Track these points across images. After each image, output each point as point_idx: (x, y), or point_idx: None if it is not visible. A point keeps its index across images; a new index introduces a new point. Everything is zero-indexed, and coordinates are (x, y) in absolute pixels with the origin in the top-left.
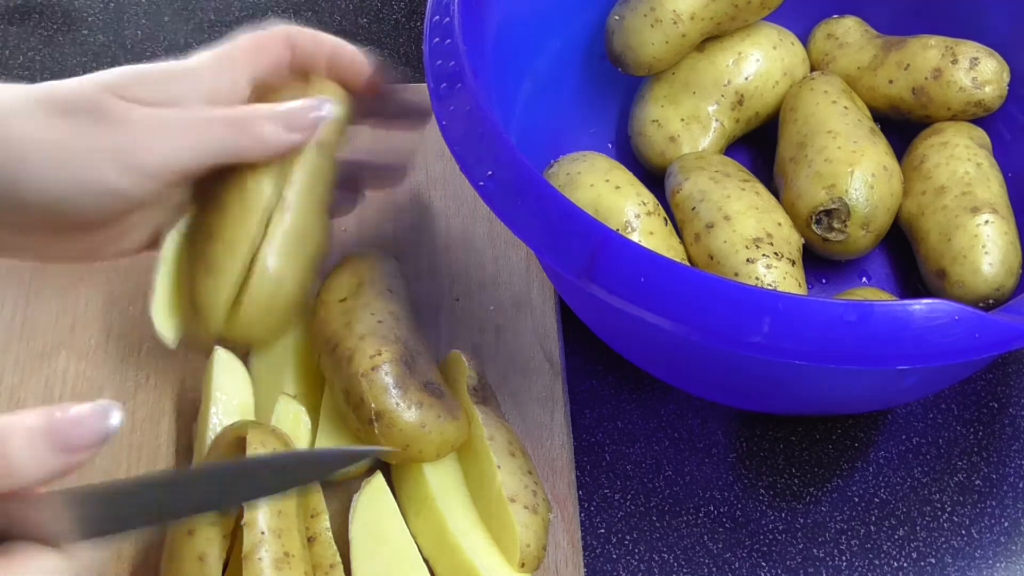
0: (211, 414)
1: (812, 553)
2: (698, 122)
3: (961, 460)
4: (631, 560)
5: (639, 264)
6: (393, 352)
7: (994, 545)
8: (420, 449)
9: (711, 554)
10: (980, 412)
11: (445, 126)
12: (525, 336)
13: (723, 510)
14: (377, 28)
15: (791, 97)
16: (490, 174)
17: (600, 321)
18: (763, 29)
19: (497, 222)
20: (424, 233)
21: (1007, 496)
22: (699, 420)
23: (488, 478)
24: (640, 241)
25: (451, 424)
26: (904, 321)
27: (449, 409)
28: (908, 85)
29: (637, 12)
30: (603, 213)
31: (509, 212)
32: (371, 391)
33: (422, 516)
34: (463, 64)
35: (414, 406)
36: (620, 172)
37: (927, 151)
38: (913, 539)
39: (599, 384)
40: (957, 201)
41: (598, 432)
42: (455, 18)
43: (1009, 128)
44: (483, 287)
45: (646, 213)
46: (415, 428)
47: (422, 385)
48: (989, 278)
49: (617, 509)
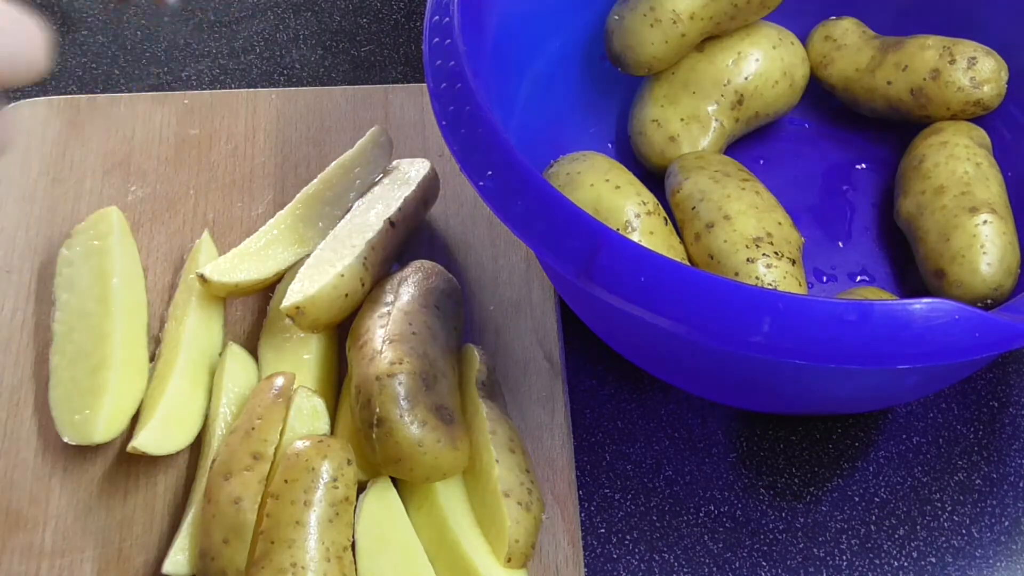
0: (221, 404)
1: (812, 553)
2: (698, 122)
3: (961, 459)
4: (631, 560)
5: (639, 264)
6: (414, 365)
7: (994, 544)
8: (411, 468)
9: (711, 554)
10: (980, 412)
11: (445, 126)
12: (525, 336)
13: (723, 510)
14: (377, 28)
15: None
16: (490, 174)
17: (600, 321)
18: (763, 29)
19: (497, 222)
20: (424, 233)
21: (1007, 495)
22: (699, 420)
23: (486, 471)
24: (640, 241)
25: (448, 452)
26: (904, 321)
27: (452, 438)
28: (907, 86)
29: (637, 12)
30: (603, 213)
31: (509, 212)
32: (380, 395)
33: (423, 511)
34: (463, 64)
35: (417, 423)
36: (620, 172)
37: (926, 151)
38: (913, 538)
39: (599, 384)
40: (956, 201)
41: (598, 432)
42: (455, 18)
43: (1009, 127)
44: (483, 287)
45: (646, 213)
46: (411, 445)
47: (433, 406)
48: (987, 278)
49: (617, 509)
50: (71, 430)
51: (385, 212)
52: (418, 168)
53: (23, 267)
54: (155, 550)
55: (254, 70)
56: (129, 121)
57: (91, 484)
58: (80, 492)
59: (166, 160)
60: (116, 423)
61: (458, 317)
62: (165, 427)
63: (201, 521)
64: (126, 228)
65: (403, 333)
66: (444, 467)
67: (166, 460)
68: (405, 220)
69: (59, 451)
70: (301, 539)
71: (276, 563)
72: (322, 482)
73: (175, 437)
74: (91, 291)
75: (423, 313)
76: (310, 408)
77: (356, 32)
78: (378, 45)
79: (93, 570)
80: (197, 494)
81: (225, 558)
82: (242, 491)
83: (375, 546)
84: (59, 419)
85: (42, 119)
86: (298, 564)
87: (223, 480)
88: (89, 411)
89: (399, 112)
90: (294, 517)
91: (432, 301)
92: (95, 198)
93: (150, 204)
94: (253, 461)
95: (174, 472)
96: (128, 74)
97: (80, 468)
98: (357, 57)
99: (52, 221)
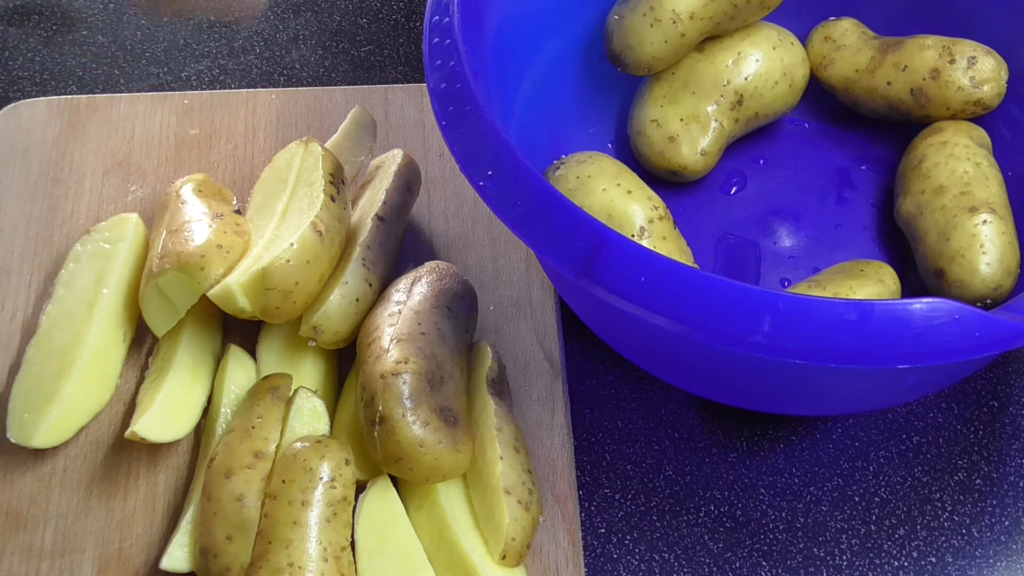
0: (221, 405)
1: (812, 552)
2: (697, 122)
3: (961, 459)
4: (631, 559)
5: (639, 264)
6: (420, 365)
7: (994, 544)
8: (411, 468)
9: (711, 553)
10: (980, 412)
11: (445, 126)
12: (525, 336)
13: (723, 509)
14: (377, 28)
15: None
16: (490, 174)
17: (600, 321)
18: (763, 29)
19: (497, 222)
20: (424, 233)
21: (1007, 495)
22: (699, 420)
23: (489, 467)
24: (653, 246)
25: (450, 454)
26: (904, 320)
27: (454, 440)
28: (906, 86)
29: (636, 12)
30: (616, 218)
31: (509, 212)
32: (383, 394)
33: (423, 511)
34: (463, 64)
35: (419, 423)
36: (629, 175)
37: (926, 150)
38: (913, 538)
39: (599, 384)
40: (955, 201)
41: (598, 432)
42: (455, 18)
43: (1009, 127)
44: (483, 287)
45: (658, 218)
46: (412, 445)
47: (437, 408)
48: (987, 278)
49: (617, 509)
50: (16, 427)
51: (371, 210)
52: (392, 159)
53: (23, 267)
54: (155, 550)
55: (254, 70)
56: (129, 121)
57: (91, 484)
58: (80, 492)
59: (166, 160)
60: (58, 432)
61: (471, 320)
62: (164, 415)
63: (201, 519)
64: (140, 238)
65: (411, 333)
66: (444, 468)
67: (166, 460)
68: (393, 212)
69: (60, 451)
70: (299, 539)
71: (273, 563)
72: (320, 482)
73: (174, 425)
74: (84, 293)
75: (434, 314)
76: (310, 408)
77: (356, 32)
78: (378, 45)
79: (93, 570)
80: (196, 493)
81: (229, 555)
82: (245, 488)
83: (375, 545)
84: (11, 413)
85: (42, 119)
86: (295, 564)
87: (224, 478)
88: (37, 414)
89: (399, 112)
90: (291, 517)
91: (444, 302)
92: (95, 198)
93: (150, 204)
94: (255, 459)
95: (174, 472)
96: (128, 74)
97: (80, 468)
98: (357, 57)
99: (52, 221)
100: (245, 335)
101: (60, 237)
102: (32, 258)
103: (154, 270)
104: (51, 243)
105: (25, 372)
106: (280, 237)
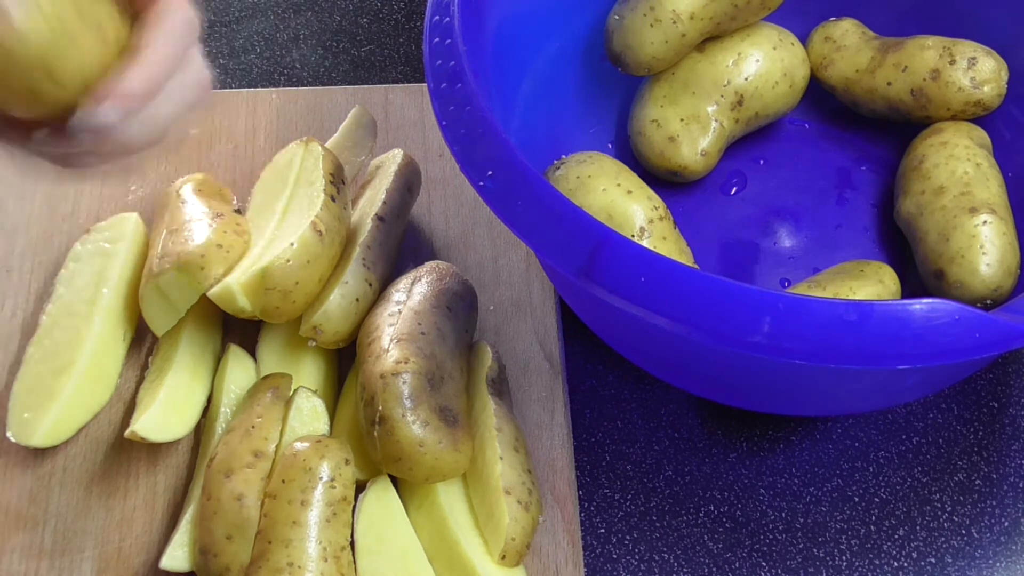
0: (221, 405)
1: (812, 553)
2: (697, 122)
3: (961, 460)
4: (631, 560)
5: (639, 264)
6: (419, 365)
7: (994, 545)
8: (411, 467)
9: (711, 554)
10: (980, 412)
11: (445, 126)
12: (525, 336)
13: (723, 510)
14: (377, 28)
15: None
16: (490, 174)
17: (600, 321)
18: (763, 29)
19: (497, 222)
20: (424, 233)
21: (1007, 496)
22: (699, 420)
23: (489, 467)
24: (653, 247)
25: (449, 453)
26: (904, 321)
27: (454, 439)
28: (907, 87)
29: (637, 12)
30: (617, 219)
31: (509, 212)
32: (383, 394)
33: (423, 511)
34: (463, 64)
35: (419, 423)
36: (629, 175)
37: (926, 151)
38: (913, 539)
39: (599, 384)
40: (956, 201)
41: (598, 432)
42: (455, 18)
43: (1009, 127)
44: (483, 287)
45: (658, 218)
46: (412, 445)
47: (437, 408)
48: (987, 279)
49: (617, 509)
50: (17, 427)
51: (371, 210)
52: (392, 159)
53: (23, 266)
54: (155, 550)
55: (254, 70)
56: None
57: (91, 483)
58: (80, 491)
59: (166, 160)
60: (59, 431)
61: (471, 320)
62: (164, 414)
63: (201, 518)
64: (140, 237)
65: (411, 332)
66: (444, 468)
67: (165, 460)
68: (393, 212)
69: (59, 450)
70: (298, 539)
71: (273, 563)
72: (320, 482)
73: (174, 425)
74: (84, 292)
75: (434, 314)
76: (310, 408)
77: (356, 32)
78: (378, 45)
79: (93, 569)
80: (196, 492)
81: (228, 554)
82: (244, 488)
83: (374, 545)
84: (11, 412)
85: None
86: (295, 564)
87: (224, 478)
88: (37, 412)
89: (399, 112)
90: (291, 517)
91: (444, 302)
92: (95, 198)
93: (150, 204)
94: (254, 459)
95: (174, 472)
96: None
97: (80, 467)
98: (357, 57)
99: (52, 221)
100: (245, 335)
101: (60, 236)
102: (32, 257)
103: (154, 270)
104: (51, 242)
105: (25, 371)
106: (280, 237)
